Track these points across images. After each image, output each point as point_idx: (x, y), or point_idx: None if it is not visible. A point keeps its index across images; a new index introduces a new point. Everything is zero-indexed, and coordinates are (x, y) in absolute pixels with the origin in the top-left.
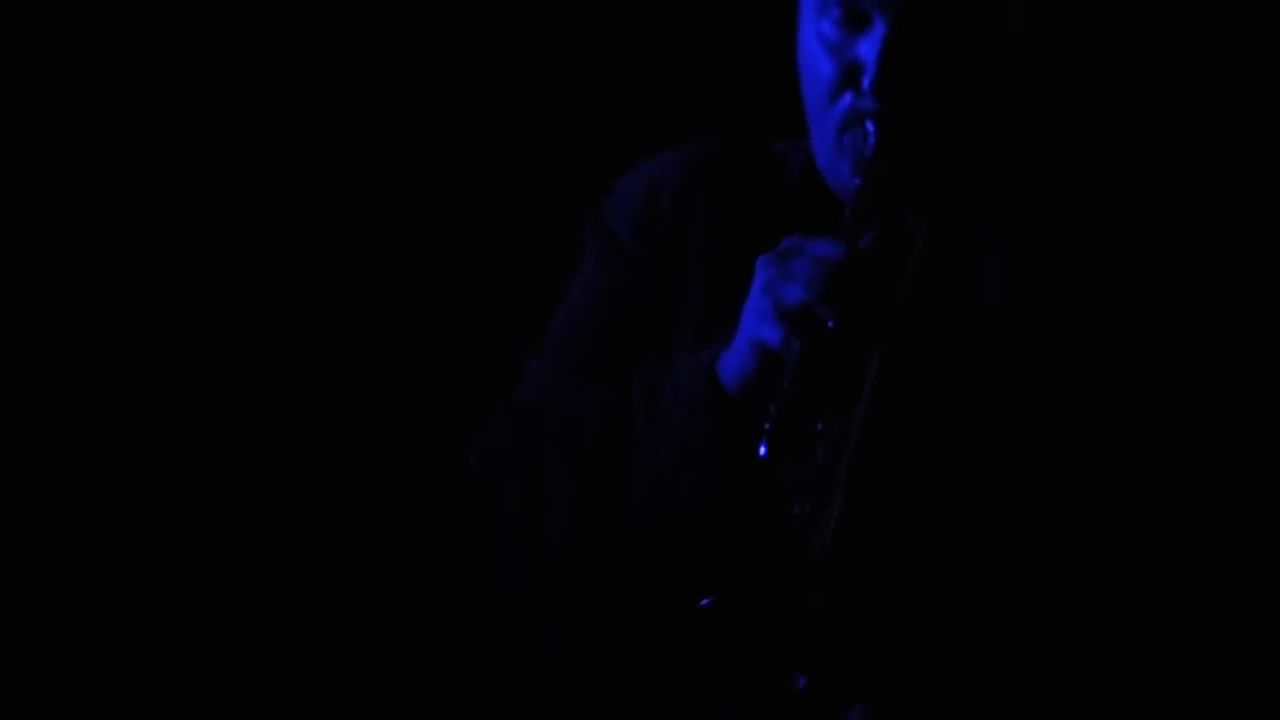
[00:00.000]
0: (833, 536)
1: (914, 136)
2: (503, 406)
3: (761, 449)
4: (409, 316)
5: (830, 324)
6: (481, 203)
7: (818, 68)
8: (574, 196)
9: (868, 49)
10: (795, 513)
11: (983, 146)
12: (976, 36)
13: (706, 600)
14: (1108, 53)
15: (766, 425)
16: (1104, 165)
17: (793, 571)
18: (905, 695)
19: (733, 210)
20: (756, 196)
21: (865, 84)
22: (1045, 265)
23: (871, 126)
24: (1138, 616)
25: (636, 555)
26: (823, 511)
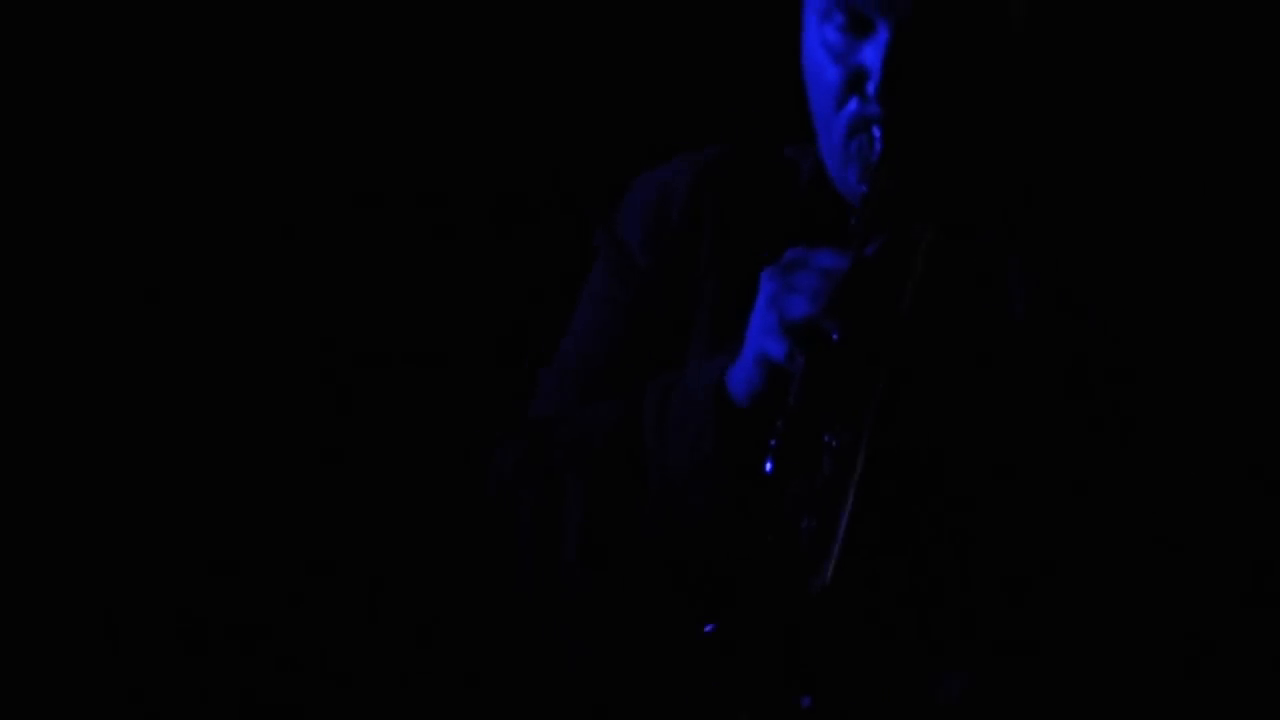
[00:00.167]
0: (839, 553)
1: (920, 142)
2: (516, 418)
3: (768, 465)
4: (422, 326)
5: (835, 337)
6: (495, 212)
7: (823, 74)
8: (586, 205)
9: (872, 55)
10: (803, 528)
11: (990, 151)
12: (980, 40)
13: (710, 626)
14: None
15: (773, 442)
16: (1116, 168)
17: (798, 590)
18: (913, 714)
19: (742, 218)
20: (766, 204)
21: (870, 90)
22: (1065, 274)
23: (877, 132)
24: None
25: (648, 566)
26: (830, 527)
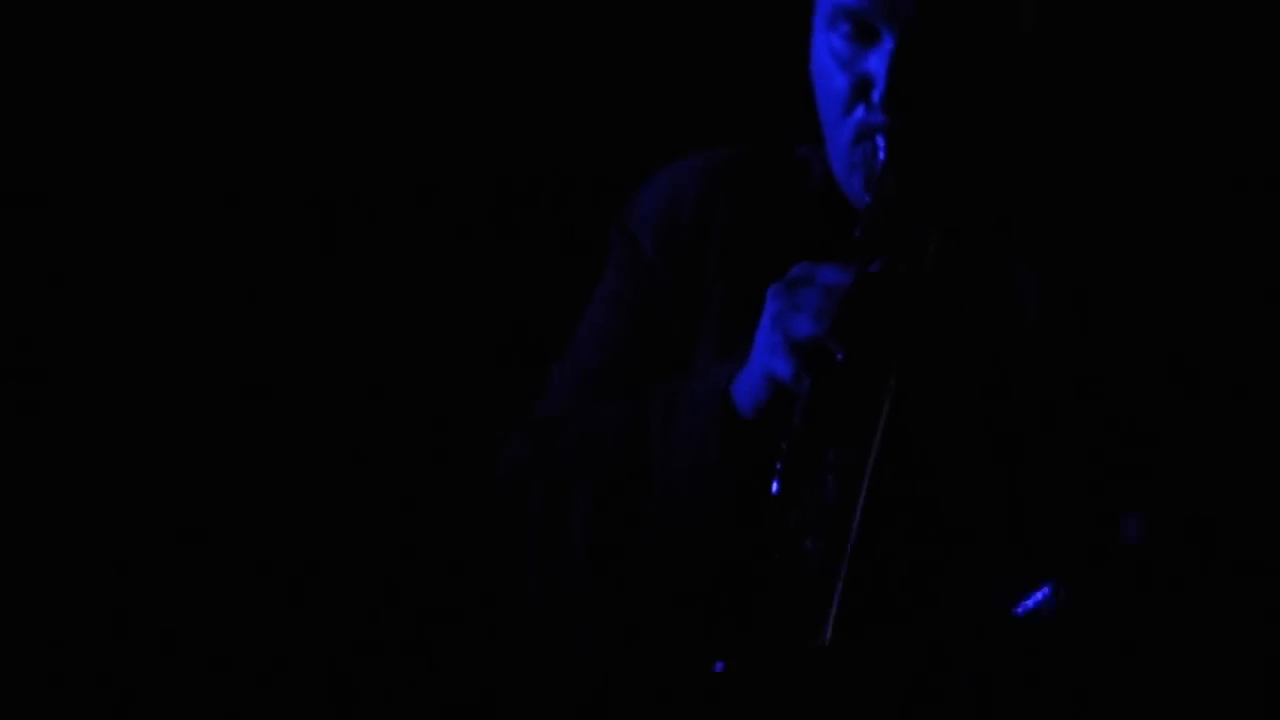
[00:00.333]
0: (844, 574)
1: (924, 151)
2: (527, 416)
3: (774, 486)
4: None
5: (840, 358)
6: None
7: (829, 81)
8: (600, 203)
9: (877, 63)
10: (807, 548)
11: (995, 160)
12: (986, 48)
13: (720, 665)
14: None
15: (779, 464)
16: (1122, 173)
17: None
18: None
19: (753, 220)
20: (777, 205)
21: (875, 98)
22: (1075, 279)
23: (881, 141)
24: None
25: (654, 570)
26: (834, 547)
